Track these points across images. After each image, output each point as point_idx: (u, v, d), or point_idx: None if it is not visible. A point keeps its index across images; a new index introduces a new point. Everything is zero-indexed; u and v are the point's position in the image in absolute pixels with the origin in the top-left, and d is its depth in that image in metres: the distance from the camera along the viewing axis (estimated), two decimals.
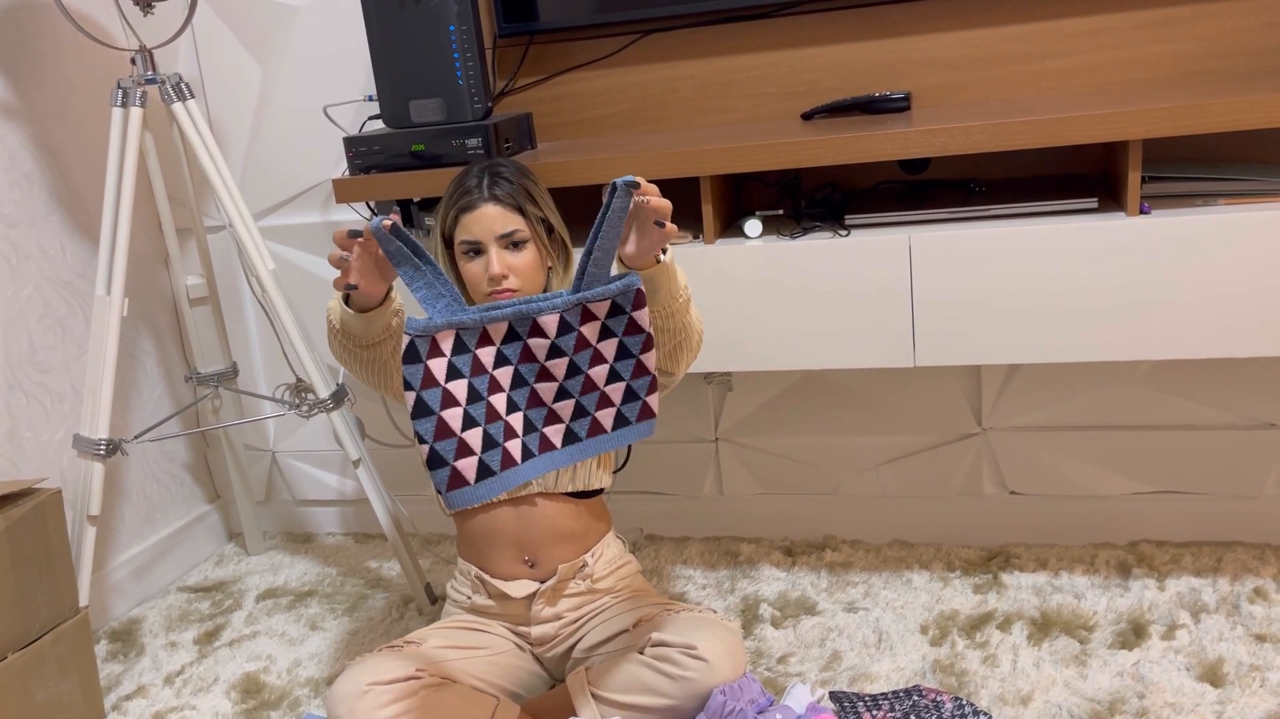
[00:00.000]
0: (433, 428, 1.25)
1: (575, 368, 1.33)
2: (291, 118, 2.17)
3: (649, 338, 1.35)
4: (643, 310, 1.34)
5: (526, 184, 1.58)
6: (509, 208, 1.54)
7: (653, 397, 1.38)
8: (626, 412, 1.37)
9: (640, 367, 1.36)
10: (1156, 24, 1.75)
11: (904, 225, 1.64)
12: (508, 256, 1.55)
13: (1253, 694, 1.51)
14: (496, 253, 1.54)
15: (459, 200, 1.56)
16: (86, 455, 1.86)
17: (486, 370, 1.29)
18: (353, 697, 1.42)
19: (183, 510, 2.37)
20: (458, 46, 1.74)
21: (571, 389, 1.34)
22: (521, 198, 1.56)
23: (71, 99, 2.08)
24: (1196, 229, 1.48)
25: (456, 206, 1.56)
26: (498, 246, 1.54)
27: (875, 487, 2.11)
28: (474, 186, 1.55)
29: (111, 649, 2.02)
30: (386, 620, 2.00)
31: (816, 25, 1.87)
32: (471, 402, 1.27)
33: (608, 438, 1.37)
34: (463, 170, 1.61)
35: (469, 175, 1.57)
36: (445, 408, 1.25)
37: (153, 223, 2.29)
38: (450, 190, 1.59)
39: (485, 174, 1.57)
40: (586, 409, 1.35)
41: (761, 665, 1.72)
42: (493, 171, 1.57)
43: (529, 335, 1.30)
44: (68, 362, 2.06)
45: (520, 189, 1.56)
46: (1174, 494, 1.98)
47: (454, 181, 1.60)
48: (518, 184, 1.56)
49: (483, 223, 1.54)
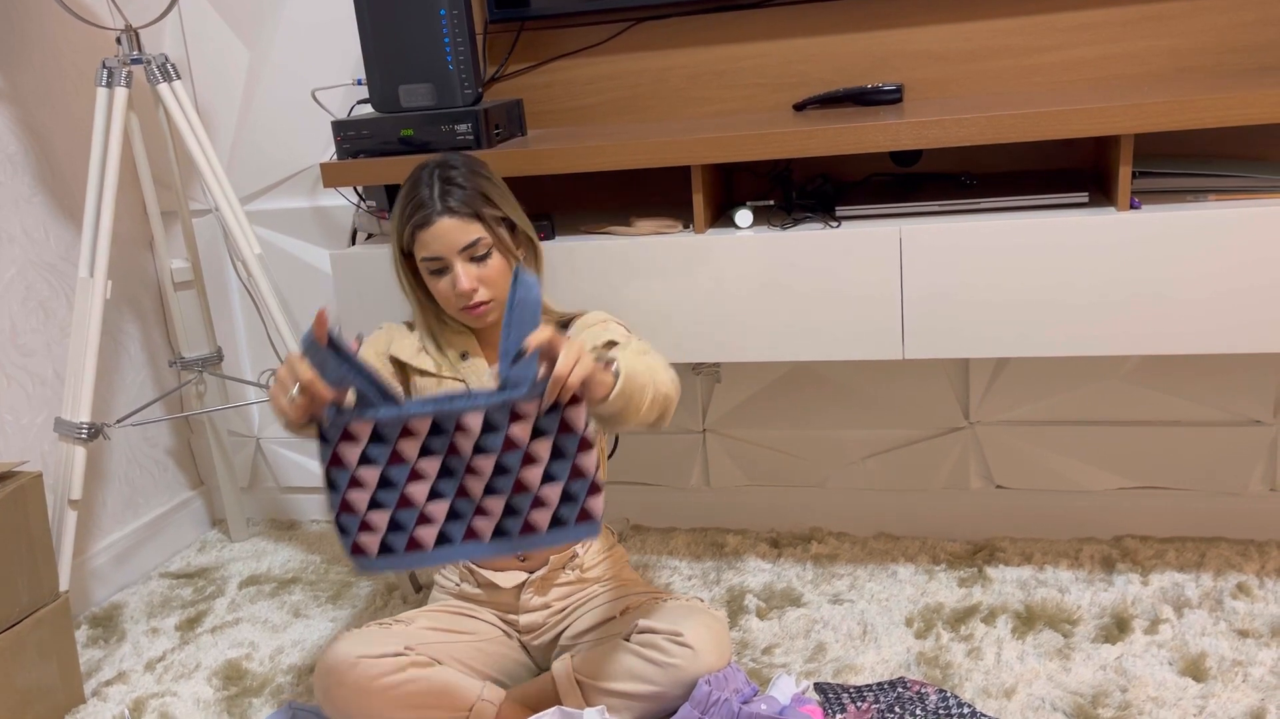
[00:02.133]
0: (338, 502, 1.27)
1: (503, 468, 1.26)
2: (279, 101, 2.15)
3: (584, 440, 1.25)
4: (578, 408, 1.25)
5: (480, 184, 1.51)
6: (466, 217, 1.48)
7: (594, 499, 1.27)
8: (564, 513, 1.28)
9: (576, 469, 1.26)
10: (1148, 19, 1.75)
11: (895, 217, 1.63)
12: (474, 269, 1.50)
13: (1235, 689, 1.51)
14: (462, 268, 1.49)
15: (413, 215, 1.49)
16: (68, 439, 1.84)
17: (406, 461, 1.27)
18: (344, 667, 1.42)
19: (165, 496, 2.35)
20: (448, 31, 1.72)
21: (500, 488, 1.27)
22: (477, 202, 1.49)
23: (56, 80, 2.06)
24: (1186, 225, 1.48)
25: (411, 222, 1.50)
26: (462, 260, 1.49)
27: (862, 479, 2.12)
28: (427, 198, 1.48)
29: (92, 635, 2.00)
30: (371, 608, 1.99)
31: (809, 16, 1.86)
32: (383, 488, 1.27)
33: (541, 538, 1.29)
34: (412, 175, 1.53)
35: (420, 184, 1.51)
36: (351, 489, 1.27)
37: (138, 205, 2.27)
38: (402, 202, 1.52)
39: (436, 181, 1.50)
40: (518, 509, 1.28)
41: (746, 656, 1.72)
42: (444, 177, 1.50)
43: (454, 432, 1.26)
44: (50, 344, 2.04)
45: (474, 192, 1.50)
46: (1159, 490, 1.98)
47: (405, 191, 1.52)
48: (471, 188, 1.50)
49: (442, 239, 1.48)
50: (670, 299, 1.68)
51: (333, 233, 2.21)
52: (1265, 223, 1.45)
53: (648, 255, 1.67)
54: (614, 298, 1.70)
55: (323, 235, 2.22)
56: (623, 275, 1.69)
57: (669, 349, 1.70)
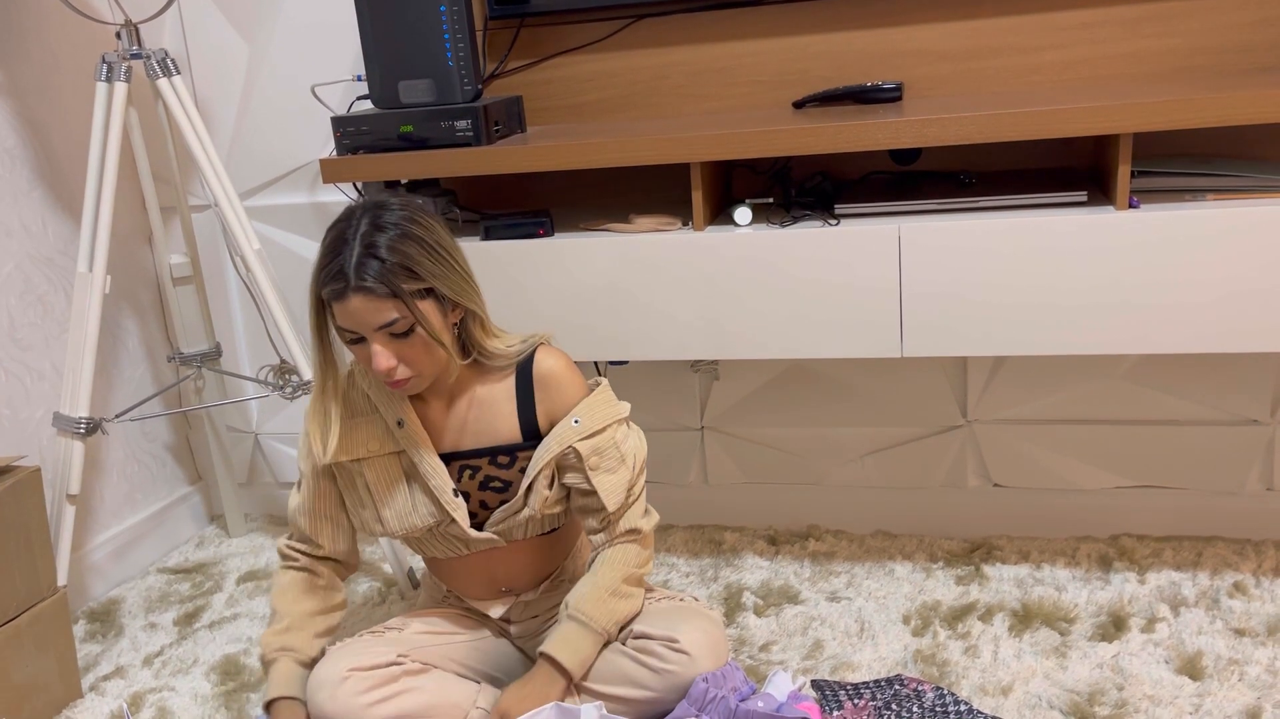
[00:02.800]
0: None
1: None
2: (279, 97, 2.15)
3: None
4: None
5: (407, 252, 1.33)
6: (381, 297, 1.32)
7: None
8: None
9: None
10: (1148, 19, 1.75)
11: (894, 215, 1.63)
12: (395, 345, 1.36)
13: (1231, 688, 1.52)
14: (380, 346, 1.35)
15: (329, 281, 1.34)
16: (66, 434, 1.84)
17: None
18: (333, 683, 1.41)
19: (164, 491, 2.35)
20: (448, 27, 1.72)
21: None
22: (397, 278, 1.32)
23: (55, 73, 2.06)
24: (1185, 224, 1.48)
25: (328, 288, 1.34)
26: (380, 338, 1.35)
27: (860, 477, 2.12)
28: (344, 267, 1.32)
29: (90, 630, 2.00)
30: (368, 605, 1.99)
31: (809, 14, 1.86)
32: None
33: None
34: (338, 225, 1.37)
35: (342, 243, 1.34)
36: None
37: (136, 200, 2.27)
38: (323, 253, 1.36)
39: (358, 245, 1.33)
40: None
41: (744, 653, 1.72)
42: (366, 241, 1.33)
43: None
44: (48, 339, 2.04)
45: (396, 267, 1.32)
46: (1156, 489, 1.99)
47: (328, 241, 1.36)
48: (393, 261, 1.32)
49: (355, 316, 1.33)
50: (669, 296, 1.68)
51: None
52: (1264, 223, 1.46)
53: (647, 252, 1.67)
54: (612, 295, 1.70)
55: (322, 231, 2.22)
56: (622, 272, 1.69)
57: (668, 346, 1.71)
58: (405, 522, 1.50)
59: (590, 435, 1.46)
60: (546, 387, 1.49)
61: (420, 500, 1.49)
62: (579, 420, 1.47)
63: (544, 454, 1.47)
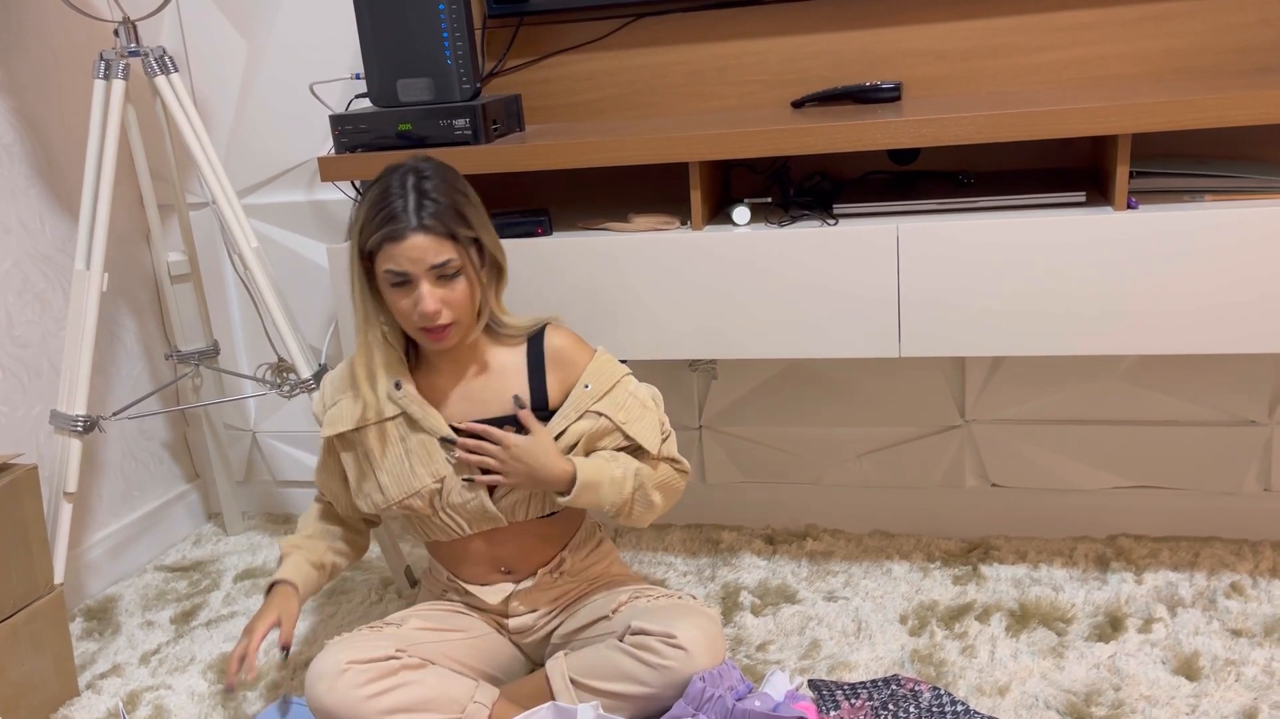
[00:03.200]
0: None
1: None
2: (277, 95, 2.15)
3: None
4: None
5: (457, 200, 1.42)
6: (440, 236, 1.39)
7: None
8: None
9: None
10: (1147, 19, 1.75)
11: (892, 216, 1.63)
12: (441, 290, 1.41)
13: (1227, 688, 1.52)
14: (429, 288, 1.41)
15: (384, 225, 1.39)
16: (63, 432, 1.84)
17: None
18: (332, 674, 1.41)
19: (161, 489, 2.35)
20: (447, 26, 1.72)
21: None
22: (453, 221, 1.40)
23: (53, 71, 2.06)
24: (1183, 225, 1.48)
25: (381, 232, 1.40)
26: (429, 280, 1.41)
27: (857, 477, 2.12)
28: (400, 210, 1.39)
29: (87, 627, 2.00)
30: (365, 603, 1.99)
31: (808, 13, 1.86)
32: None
33: None
34: (382, 178, 1.43)
35: (392, 190, 1.41)
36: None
37: (134, 198, 2.27)
38: (371, 205, 1.42)
39: (412, 191, 1.40)
40: None
41: (741, 653, 1.72)
42: (419, 189, 1.40)
43: None
44: (46, 337, 2.04)
45: (450, 209, 1.41)
46: (1153, 489, 1.99)
47: (374, 194, 1.42)
48: (447, 203, 1.41)
49: (412, 254, 1.39)
50: (667, 296, 1.68)
51: (330, 227, 2.21)
52: (1261, 224, 1.46)
53: (645, 252, 1.67)
54: (610, 294, 1.70)
55: (320, 229, 2.21)
56: (620, 272, 1.69)
57: (666, 345, 1.71)
58: (404, 485, 1.52)
59: (604, 395, 1.52)
60: (560, 361, 1.54)
61: (418, 462, 1.52)
62: (589, 385, 1.53)
63: (561, 421, 1.52)
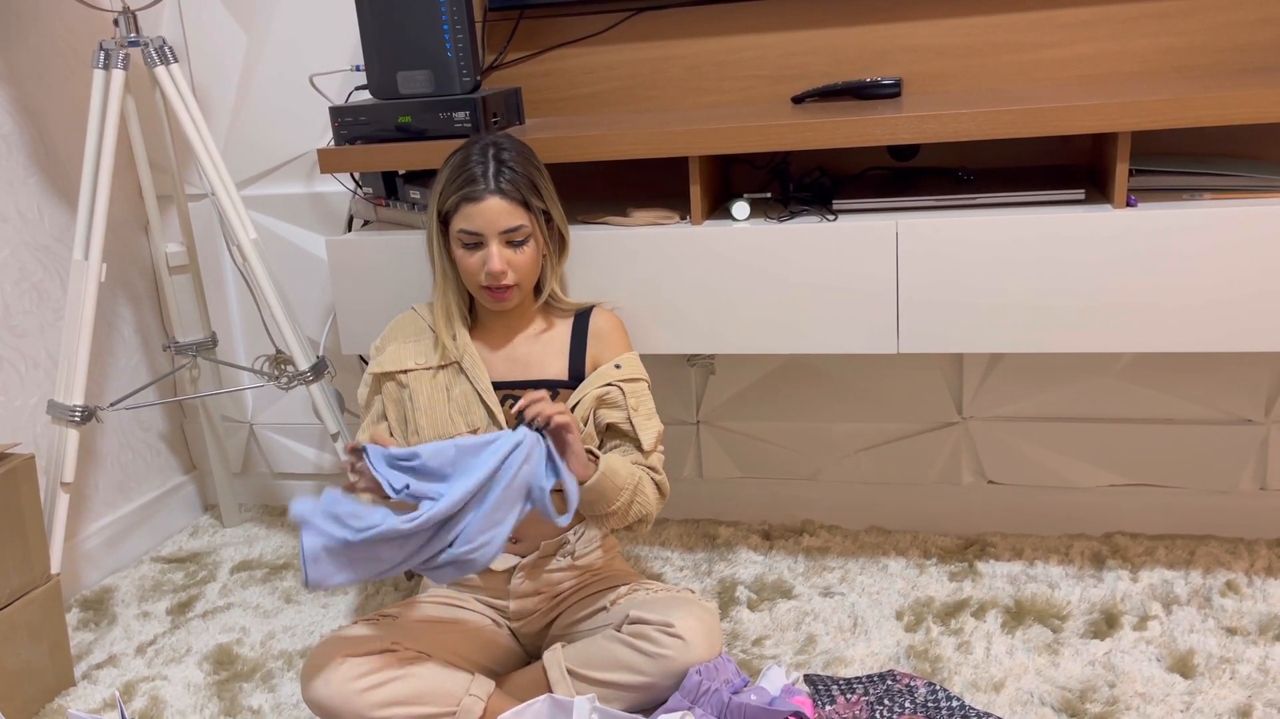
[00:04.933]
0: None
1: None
2: (277, 86, 2.14)
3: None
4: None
5: (531, 173, 1.54)
6: (515, 202, 1.51)
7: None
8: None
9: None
10: (1147, 17, 1.75)
11: (891, 212, 1.63)
12: (508, 253, 1.52)
13: (1222, 686, 1.52)
14: (498, 249, 1.51)
15: (463, 187, 1.51)
16: (61, 421, 1.84)
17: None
18: (328, 668, 1.42)
19: (158, 480, 2.35)
20: (447, 19, 1.72)
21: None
22: (527, 190, 1.52)
23: (53, 60, 2.05)
24: (1182, 223, 1.48)
25: (460, 193, 1.51)
26: (499, 242, 1.51)
27: (854, 473, 2.12)
28: (480, 174, 1.50)
29: (83, 618, 2.00)
30: (362, 595, 1.99)
31: (809, 9, 1.86)
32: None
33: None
34: (464, 147, 1.55)
35: (472, 158, 1.52)
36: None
37: (133, 188, 2.26)
38: (453, 170, 1.53)
39: (491, 160, 1.51)
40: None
41: (737, 647, 1.72)
42: (498, 158, 1.52)
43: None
44: (43, 326, 2.03)
45: (525, 179, 1.52)
46: (1149, 487, 1.99)
47: (456, 160, 1.54)
48: (523, 173, 1.52)
49: (487, 216, 1.50)
50: (666, 290, 1.68)
51: (329, 219, 2.20)
52: (1261, 222, 1.46)
53: (644, 246, 1.67)
54: (610, 288, 1.70)
55: (319, 221, 2.21)
56: (619, 266, 1.69)
57: (664, 340, 1.71)
58: (439, 430, 1.57)
59: (630, 380, 1.58)
60: (601, 337, 1.63)
61: (456, 411, 1.57)
62: (620, 365, 1.59)
63: (587, 386, 1.58)
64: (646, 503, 1.54)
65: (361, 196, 1.93)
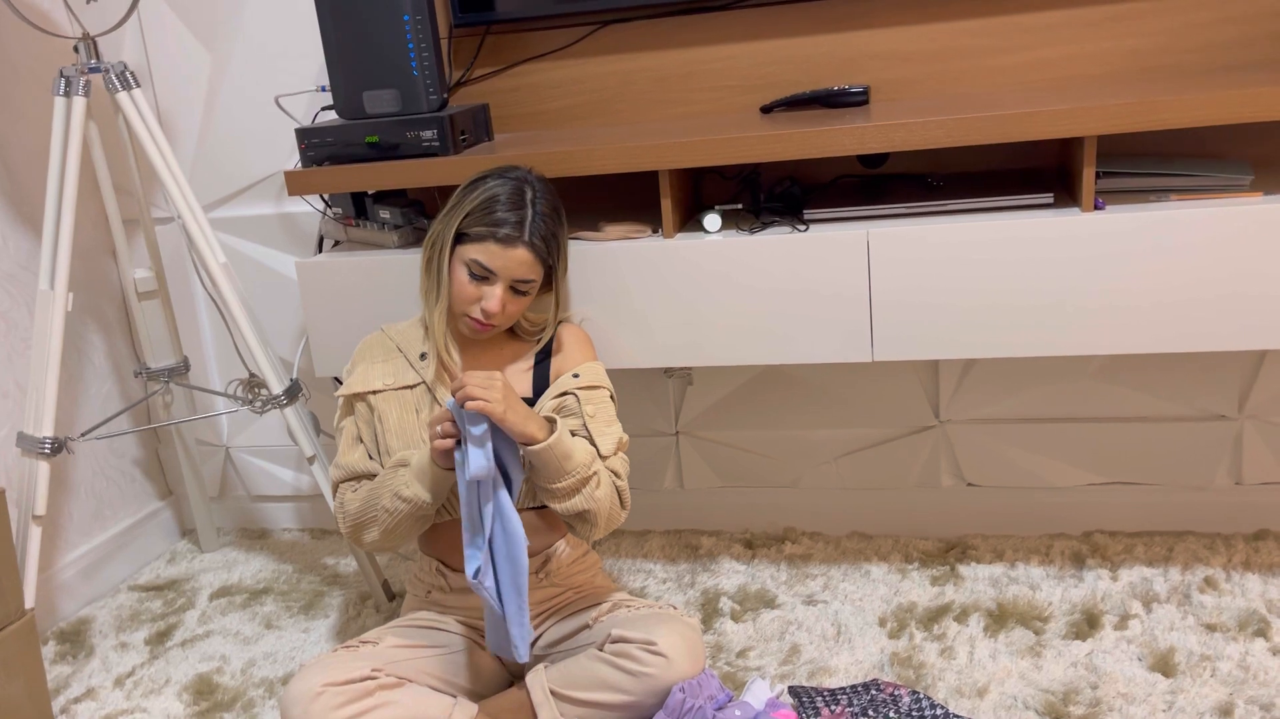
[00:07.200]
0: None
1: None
2: (242, 108, 2.13)
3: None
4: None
5: (558, 230, 1.57)
6: (539, 258, 1.54)
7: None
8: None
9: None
10: (1109, 20, 1.76)
11: (862, 220, 1.64)
12: (509, 298, 1.54)
13: (1203, 684, 1.53)
14: (503, 293, 1.53)
15: (495, 225, 1.51)
16: (31, 454, 1.81)
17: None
18: (307, 698, 1.40)
19: (133, 507, 2.32)
20: (412, 37, 1.71)
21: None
22: (552, 247, 1.55)
23: (13, 87, 2.03)
24: (1149, 224, 1.49)
25: (489, 228, 1.51)
26: (506, 286, 1.53)
27: (834, 479, 2.12)
28: (515, 220, 1.51)
29: (60, 650, 1.98)
30: (343, 618, 1.98)
31: (775, 18, 1.86)
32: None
33: None
34: (500, 178, 1.54)
35: (509, 198, 1.52)
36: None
37: (99, 214, 2.24)
38: (485, 200, 1.52)
39: (529, 206, 1.52)
40: None
41: (721, 660, 1.72)
42: (534, 205, 1.53)
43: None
44: (11, 356, 2.01)
45: (553, 236, 1.55)
46: (1127, 485, 2.00)
47: (490, 190, 1.53)
48: (551, 230, 1.55)
49: (509, 262, 1.52)
50: (640, 304, 1.68)
51: (299, 239, 2.19)
52: (1227, 222, 1.47)
53: (617, 261, 1.67)
54: (583, 303, 1.69)
55: (289, 242, 2.19)
56: (592, 280, 1.68)
57: (640, 353, 1.70)
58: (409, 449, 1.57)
59: (588, 388, 1.58)
60: (563, 349, 1.65)
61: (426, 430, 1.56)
62: (579, 374, 1.60)
63: (544, 398, 1.59)
64: (599, 500, 1.48)
65: (331, 217, 1.92)
